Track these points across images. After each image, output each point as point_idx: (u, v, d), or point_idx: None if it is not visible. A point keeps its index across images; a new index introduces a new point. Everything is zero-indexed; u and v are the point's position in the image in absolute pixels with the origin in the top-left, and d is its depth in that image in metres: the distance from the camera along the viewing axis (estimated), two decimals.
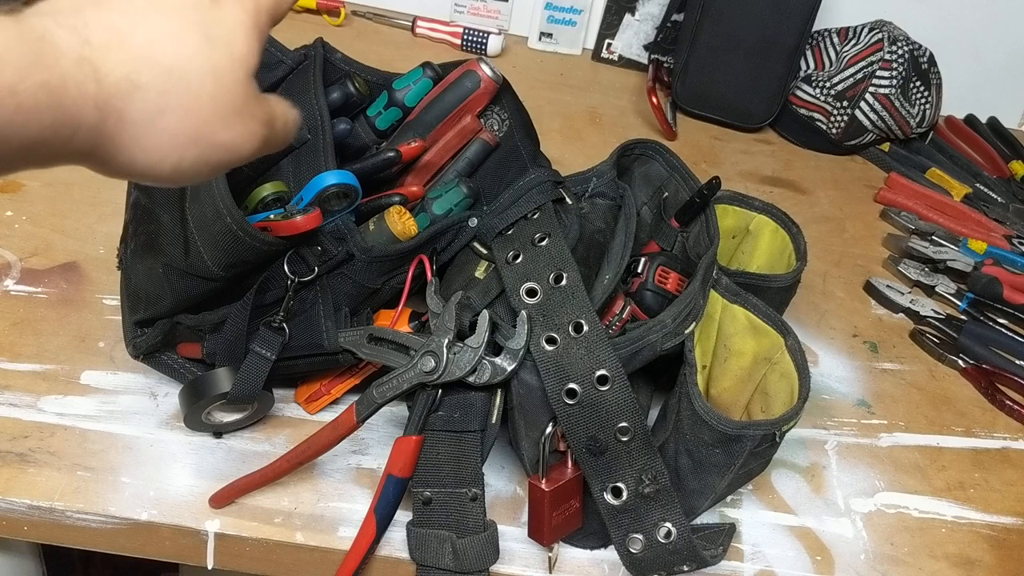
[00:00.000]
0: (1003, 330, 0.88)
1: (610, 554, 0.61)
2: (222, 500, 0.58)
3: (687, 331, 0.59)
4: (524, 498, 0.63)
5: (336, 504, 0.61)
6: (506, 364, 0.57)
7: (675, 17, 1.18)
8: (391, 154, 0.68)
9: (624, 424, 0.54)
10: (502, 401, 0.59)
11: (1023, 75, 1.28)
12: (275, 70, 0.72)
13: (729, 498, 0.67)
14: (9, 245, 0.73)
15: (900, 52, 1.10)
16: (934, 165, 1.15)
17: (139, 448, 0.61)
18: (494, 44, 1.19)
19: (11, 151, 0.28)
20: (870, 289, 0.93)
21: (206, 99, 0.32)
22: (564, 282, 0.58)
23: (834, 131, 1.14)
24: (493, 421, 0.59)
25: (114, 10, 0.30)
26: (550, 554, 0.60)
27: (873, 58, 1.10)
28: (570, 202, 0.67)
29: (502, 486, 0.64)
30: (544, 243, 0.60)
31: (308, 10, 1.19)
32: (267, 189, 0.65)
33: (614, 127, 1.12)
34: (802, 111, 1.16)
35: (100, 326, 0.68)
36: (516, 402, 0.58)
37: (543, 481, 0.57)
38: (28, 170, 0.30)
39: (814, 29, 1.13)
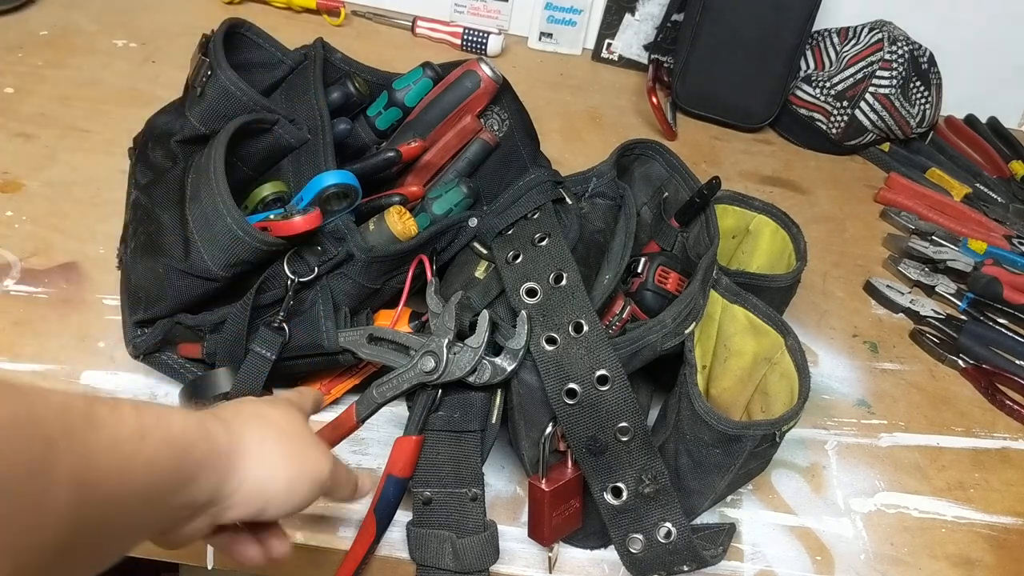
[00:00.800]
0: (1003, 330, 0.88)
1: (610, 554, 0.61)
2: None
3: (687, 331, 0.59)
4: (524, 498, 0.63)
5: (336, 504, 0.61)
6: (506, 364, 0.57)
7: (675, 17, 1.18)
8: (391, 154, 0.68)
9: (624, 424, 0.54)
10: (502, 401, 0.59)
11: (1023, 75, 1.28)
12: (275, 70, 0.73)
13: (729, 498, 0.67)
14: (9, 245, 0.73)
15: (900, 52, 1.10)
16: (934, 165, 1.14)
17: None
18: (494, 44, 1.19)
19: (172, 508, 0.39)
20: (870, 289, 0.93)
21: (280, 496, 0.44)
22: (564, 282, 0.58)
23: (834, 131, 1.14)
24: (493, 421, 0.59)
25: (251, 425, 0.44)
26: (550, 554, 0.60)
27: (873, 58, 1.10)
28: (570, 202, 0.67)
29: (502, 486, 0.64)
30: (544, 243, 0.60)
31: (308, 10, 1.18)
32: (267, 189, 0.66)
33: (614, 127, 1.12)
34: (802, 111, 1.16)
35: (100, 326, 0.68)
36: (516, 402, 0.58)
37: (543, 481, 0.57)
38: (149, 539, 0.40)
39: (814, 29, 1.13)
